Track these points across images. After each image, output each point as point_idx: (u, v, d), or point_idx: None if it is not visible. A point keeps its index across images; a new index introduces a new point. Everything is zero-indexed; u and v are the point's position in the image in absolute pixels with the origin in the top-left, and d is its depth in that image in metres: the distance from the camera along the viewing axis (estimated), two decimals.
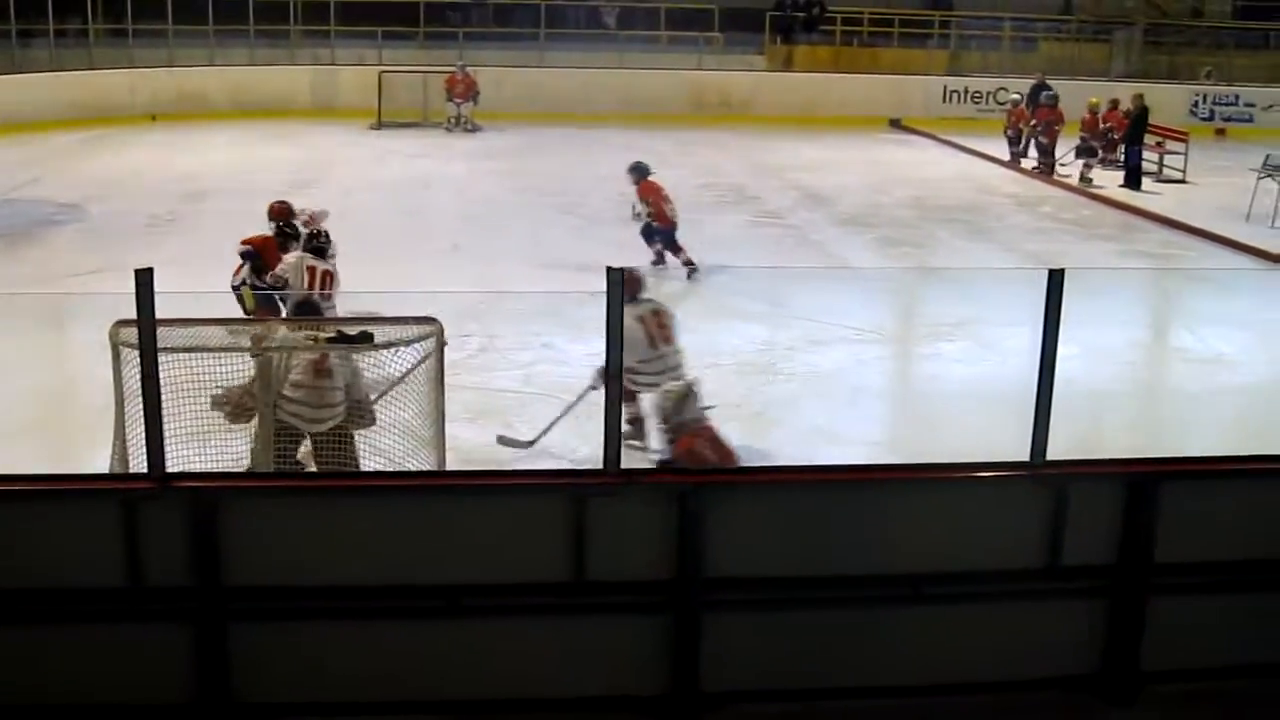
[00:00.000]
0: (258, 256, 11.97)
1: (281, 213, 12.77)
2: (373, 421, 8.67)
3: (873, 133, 31.16)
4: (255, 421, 8.57)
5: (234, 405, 8.50)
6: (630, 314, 9.00)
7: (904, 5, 36.12)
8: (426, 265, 16.83)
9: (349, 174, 23.92)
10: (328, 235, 11.89)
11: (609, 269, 6.29)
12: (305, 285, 11.11)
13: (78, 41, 31.40)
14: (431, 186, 22.93)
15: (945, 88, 33.48)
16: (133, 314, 6.38)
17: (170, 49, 31.65)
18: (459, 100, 29.84)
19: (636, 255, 16.96)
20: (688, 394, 8.46)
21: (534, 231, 19.27)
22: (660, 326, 10.19)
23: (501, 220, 20.10)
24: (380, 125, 29.84)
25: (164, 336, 6.95)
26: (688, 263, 16.25)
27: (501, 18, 35.08)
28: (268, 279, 11.58)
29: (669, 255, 16.57)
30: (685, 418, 8.26)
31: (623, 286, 6.32)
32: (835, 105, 32.58)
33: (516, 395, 11.48)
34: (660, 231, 16.54)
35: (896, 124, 32.48)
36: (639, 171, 16.86)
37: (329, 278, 11.40)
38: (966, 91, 33.36)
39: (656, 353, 10.04)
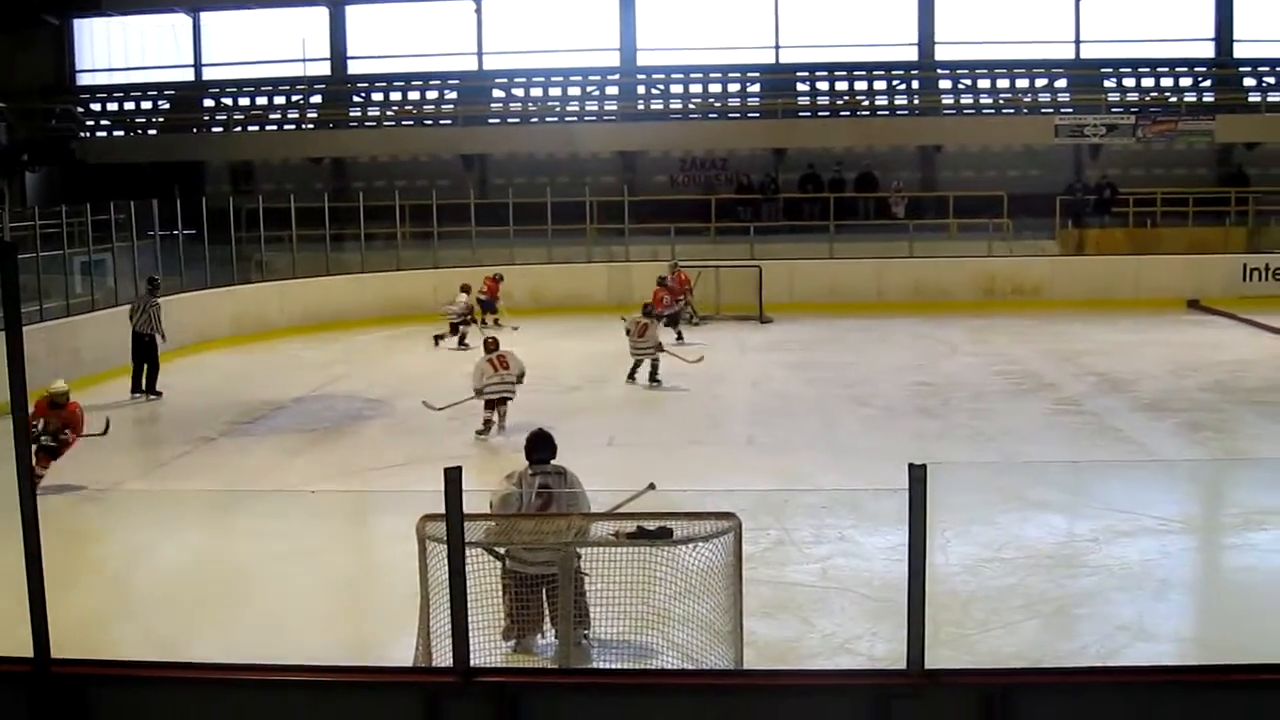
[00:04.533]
0: None
1: None
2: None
3: (1171, 315, 30.41)
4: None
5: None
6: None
7: (1198, 183, 35.53)
8: (722, 457, 17.06)
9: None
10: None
11: (911, 466, 6.25)
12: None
13: (387, 244, 33.07)
14: (723, 379, 23.18)
15: (1245, 266, 32.48)
16: (436, 508, 6.61)
17: (473, 249, 33.06)
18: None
19: (937, 446, 16.89)
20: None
21: (828, 423, 19.31)
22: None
23: (795, 412, 20.20)
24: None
25: (470, 530, 7.17)
26: None
27: (791, 211, 35.68)
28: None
29: None
30: None
31: (925, 483, 6.25)
32: (1130, 288, 32.06)
33: (813, 589, 11.40)
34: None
35: (1195, 305, 31.65)
36: None
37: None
38: (1268, 269, 32.27)
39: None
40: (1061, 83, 37.80)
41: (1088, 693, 6.65)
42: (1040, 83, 37.96)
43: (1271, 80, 37.52)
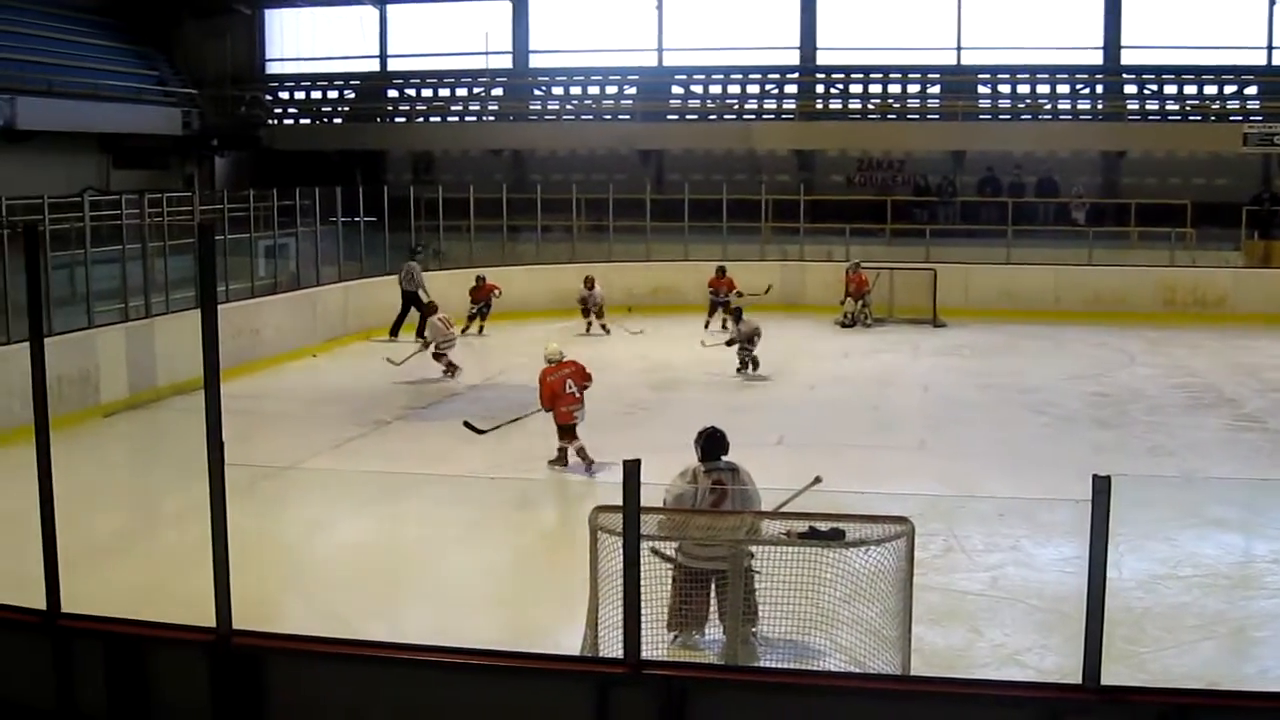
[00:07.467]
0: None
1: None
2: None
3: None
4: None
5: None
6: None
7: None
8: (893, 460, 16.93)
9: (813, 368, 24.29)
10: None
11: (1095, 477, 6.13)
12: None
13: (562, 237, 33.40)
14: (895, 382, 23.02)
15: None
16: (604, 499, 6.64)
17: (647, 244, 33.22)
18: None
19: (1113, 458, 16.54)
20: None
21: (1001, 430, 19.06)
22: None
23: (968, 417, 19.98)
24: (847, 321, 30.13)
25: (643, 523, 7.19)
26: None
27: (969, 214, 35.24)
28: None
29: None
30: None
31: (1109, 495, 6.12)
32: None
33: (983, 598, 11.28)
34: None
35: None
36: None
37: None
38: None
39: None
40: (1251, 90, 36.66)
41: (1268, 718, 6.48)
42: (1229, 89, 36.93)
43: None
